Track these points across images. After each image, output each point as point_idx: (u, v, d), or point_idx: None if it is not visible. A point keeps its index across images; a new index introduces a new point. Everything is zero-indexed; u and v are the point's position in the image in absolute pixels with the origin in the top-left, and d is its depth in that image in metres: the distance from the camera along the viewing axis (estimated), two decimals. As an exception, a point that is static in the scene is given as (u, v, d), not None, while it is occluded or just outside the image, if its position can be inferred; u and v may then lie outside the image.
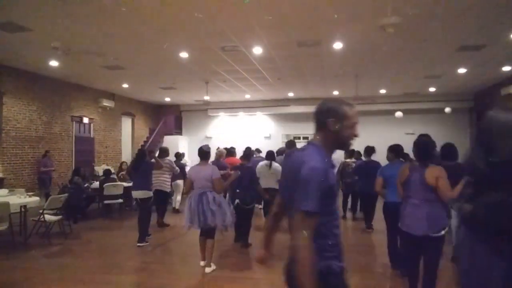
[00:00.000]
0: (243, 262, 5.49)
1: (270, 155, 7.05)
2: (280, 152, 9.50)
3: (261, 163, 7.05)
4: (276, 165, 6.83)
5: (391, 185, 4.35)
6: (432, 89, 13.54)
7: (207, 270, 4.91)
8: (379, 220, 5.98)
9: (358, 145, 8.27)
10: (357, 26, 6.77)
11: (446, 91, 13.88)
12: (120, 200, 8.84)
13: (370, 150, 7.23)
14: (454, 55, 8.79)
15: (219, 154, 7.58)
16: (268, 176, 6.64)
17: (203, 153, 5.13)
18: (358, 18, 6.39)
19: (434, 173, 3.37)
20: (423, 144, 3.53)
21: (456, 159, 4.64)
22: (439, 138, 3.94)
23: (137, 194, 6.38)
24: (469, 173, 1.95)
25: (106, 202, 8.97)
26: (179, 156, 10.29)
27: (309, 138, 1.96)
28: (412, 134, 13.55)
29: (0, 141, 9.40)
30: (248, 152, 6.66)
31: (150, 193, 6.45)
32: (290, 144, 6.72)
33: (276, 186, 7.62)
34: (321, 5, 5.87)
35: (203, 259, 5.03)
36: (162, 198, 7.77)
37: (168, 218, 8.15)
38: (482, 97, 13.70)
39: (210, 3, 5.74)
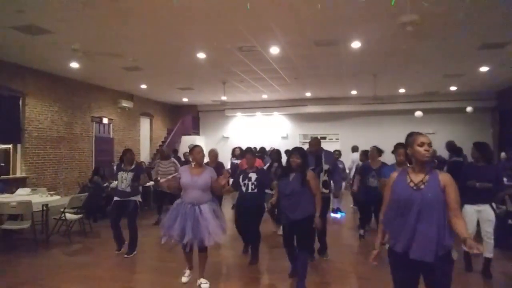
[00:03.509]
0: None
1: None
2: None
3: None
4: None
5: None
6: (453, 88, 13.24)
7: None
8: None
9: (373, 145, 8.05)
10: (376, 24, 6.66)
11: (468, 90, 13.54)
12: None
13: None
14: (476, 53, 8.56)
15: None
16: None
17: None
18: (377, 17, 6.29)
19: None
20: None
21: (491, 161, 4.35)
22: (461, 138, 3.83)
23: None
24: None
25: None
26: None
27: (326, 138, 1.89)
28: (433, 134, 13.29)
29: (23, 141, 9.64)
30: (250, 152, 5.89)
31: None
32: (316, 142, 5.66)
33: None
34: (339, 4, 5.80)
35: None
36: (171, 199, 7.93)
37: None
38: (505, 96, 13.32)
39: (227, 4, 5.75)
